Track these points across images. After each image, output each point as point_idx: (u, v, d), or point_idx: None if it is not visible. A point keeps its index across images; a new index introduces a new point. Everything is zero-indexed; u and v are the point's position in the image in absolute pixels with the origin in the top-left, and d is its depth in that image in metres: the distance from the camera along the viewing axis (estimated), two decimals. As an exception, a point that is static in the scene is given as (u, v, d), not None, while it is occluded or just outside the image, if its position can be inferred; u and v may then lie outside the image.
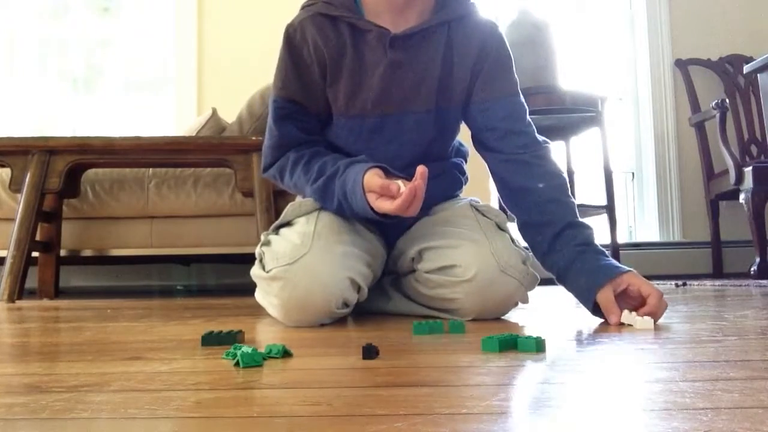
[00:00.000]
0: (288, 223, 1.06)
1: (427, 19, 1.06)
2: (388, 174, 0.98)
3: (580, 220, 1.05)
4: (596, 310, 0.96)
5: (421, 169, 0.89)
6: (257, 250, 1.04)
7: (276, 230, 1.06)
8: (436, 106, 1.09)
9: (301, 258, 0.96)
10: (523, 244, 1.09)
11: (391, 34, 1.03)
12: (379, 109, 1.07)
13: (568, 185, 1.10)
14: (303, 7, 1.09)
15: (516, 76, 1.14)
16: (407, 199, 0.89)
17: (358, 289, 1.03)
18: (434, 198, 1.10)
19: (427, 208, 1.08)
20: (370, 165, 0.98)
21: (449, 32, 1.08)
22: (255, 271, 1.03)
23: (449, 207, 1.14)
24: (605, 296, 0.94)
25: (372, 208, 0.96)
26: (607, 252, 1.03)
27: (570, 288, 1.00)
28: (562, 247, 1.00)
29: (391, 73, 1.05)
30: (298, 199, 1.15)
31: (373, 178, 0.95)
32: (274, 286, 0.98)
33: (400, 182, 0.92)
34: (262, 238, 1.06)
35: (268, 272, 0.98)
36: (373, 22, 1.04)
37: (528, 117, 1.14)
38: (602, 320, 0.95)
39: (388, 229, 1.13)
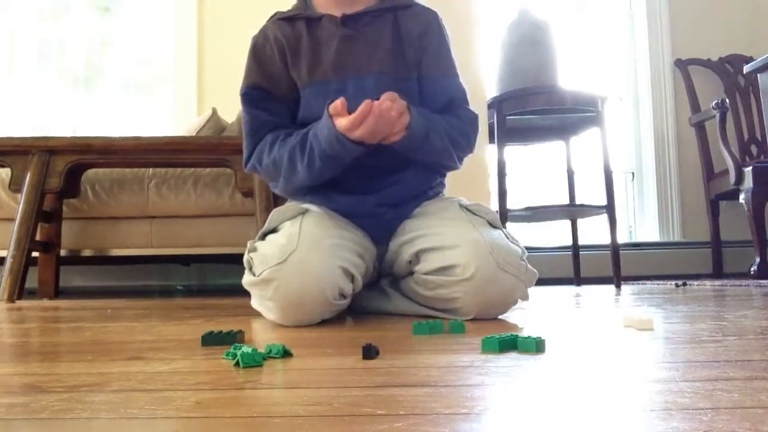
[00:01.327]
0: (274, 230, 1.07)
1: (372, 5, 1.18)
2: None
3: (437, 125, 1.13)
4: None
5: (387, 94, 1.01)
6: (245, 258, 1.05)
7: (262, 237, 1.07)
8: (394, 73, 1.17)
9: (290, 256, 0.97)
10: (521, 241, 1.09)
11: (341, 15, 1.15)
12: (340, 73, 1.15)
13: (466, 137, 1.18)
14: (266, 22, 1.22)
15: (453, 58, 1.23)
16: (362, 112, 0.99)
17: (352, 278, 1.03)
18: (409, 187, 1.16)
19: (401, 197, 1.15)
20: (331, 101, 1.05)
21: (395, 18, 1.19)
22: (246, 279, 1.04)
23: (437, 208, 1.14)
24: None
25: (338, 134, 1.02)
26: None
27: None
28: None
29: (345, 43, 1.15)
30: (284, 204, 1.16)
31: (333, 103, 1.03)
32: (268, 289, 0.98)
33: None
34: (249, 245, 1.06)
35: (258, 276, 0.99)
36: (324, 12, 1.17)
37: (466, 95, 1.22)
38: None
39: (374, 229, 1.14)
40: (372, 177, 1.14)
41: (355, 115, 1.00)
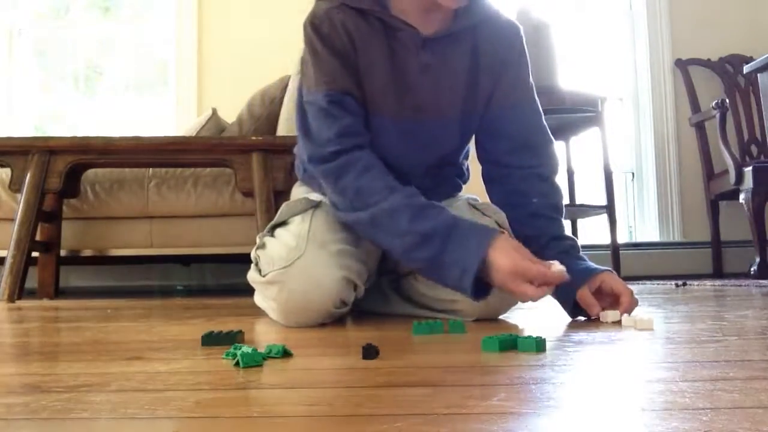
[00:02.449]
0: (283, 223, 1.06)
1: (453, 22, 1.03)
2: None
3: (566, 234, 1.08)
4: (575, 311, 0.99)
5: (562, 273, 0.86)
6: (253, 254, 1.04)
7: (271, 231, 1.06)
8: (462, 112, 1.08)
9: (296, 261, 0.96)
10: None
11: (423, 35, 1.01)
12: (412, 112, 1.05)
13: (563, 204, 1.13)
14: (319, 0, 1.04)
15: (532, 83, 1.13)
16: (555, 278, 0.85)
17: (355, 287, 1.03)
18: (435, 198, 1.07)
19: None
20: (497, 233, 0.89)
21: (475, 36, 1.06)
22: (252, 276, 1.04)
23: (447, 207, 1.13)
24: (583, 294, 0.96)
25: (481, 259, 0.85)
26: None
27: (551, 292, 0.96)
28: (546, 256, 0.95)
29: (424, 75, 1.03)
30: (293, 197, 1.14)
31: (519, 253, 0.86)
32: (272, 290, 0.98)
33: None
34: (258, 240, 1.05)
35: (264, 276, 0.99)
36: (403, 20, 1.01)
37: (543, 121, 1.12)
38: (584, 318, 0.96)
39: None
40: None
41: (543, 271, 0.84)
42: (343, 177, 0.97)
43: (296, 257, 0.96)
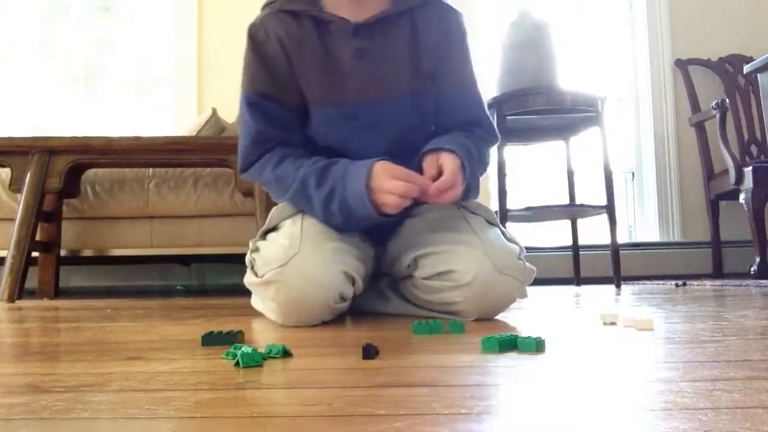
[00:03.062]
0: (274, 228, 1.07)
1: (387, 8, 1.08)
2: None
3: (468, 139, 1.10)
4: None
5: (450, 173, 0.96)
6: (247, 258, 1.05)
7: (263, 236, 1.06)
8: (411, 93, 1.10)
9: (292, 259, 0.96)
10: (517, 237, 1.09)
11: (353, 23, 1.06)
12: (353, 96, 1.08)
13: (483, 153, 1.14)
14: (264, 7, 1.11)
15: (473, 66, 1.16)
16: (412, 190, 0.95)
17: (353, 281, 1.03)
18: None
19: (408, 207, 1.08)
20: (379, 159, 1.00)
21: (412, 21, 1.09)
22: (248, 279, 1.04)
23: (436, 208, 1.12)
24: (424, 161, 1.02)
25: (365, 186, 0.97)
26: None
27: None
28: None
29: (358, 60, 1.07)
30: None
31: (388, 164, 0.98)
32: (269, 291, 0.98)
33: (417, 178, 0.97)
34: (251, 245, 1.06)
35: (261, 277, 0.98)
36: (334, 14, 1.06)
37: (483, 103, 1.16)
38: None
39: (372, 230, 1.12)
40: None
41: (410, 187, 0.96)
42: (263, 174, 1.08)
43: (292, 255, 0.96)
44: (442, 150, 1.02)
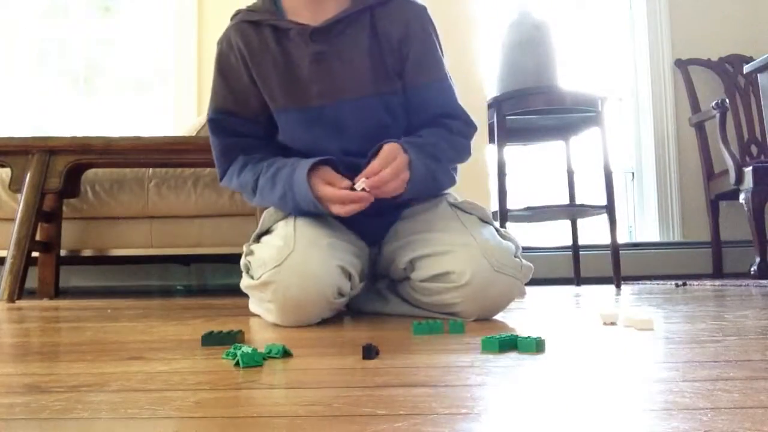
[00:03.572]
0: (268, 231, 1.07)
1: (345, 8, 1.08)
2: (335, 171, 1.02)
3: (431, 137, 1.09)
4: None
5: (382, 158, 0.98)
6: (242, 262, 1.05)
7: (257, 239, 1.07)
8: (376, 92, 1.09)
9: (287, 258, 0.96)
10: (512, 233, 1.09)
11: (310, 28, 1.06)
12: (315, 99, 1.09)
13: (456, 154, 1.12)
14: (231, 18, 1.13)
15: (442, 57, 1.14)
16: (354, 197, 0.96)
17: (350, 277, 1.03)
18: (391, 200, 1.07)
19: (385, 206, 1.07)
20: (322, 160, 1.02)
21: (372, 18, 1.09)
22: (244, 282, 1.04)
23: (429, 209, 1.13)
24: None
25: (313, 196, 1.00)
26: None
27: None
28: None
29: (317, 64, 1.07)
30: None
31: (324, 168, 1.01)
32: (267, 292, 0.98)
33: (347, 186, 0.98)
34: (245, 249, 1.06)
35: (257, 279, 0.98)
36: (293, 21, 1.07)
37: (455, 96, 1.15)
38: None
39: (365, 230, 1.13)
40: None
41: (343, 195, 0.97)
42: (232, 182, 1.13)
43: (287, 254, 0.96)
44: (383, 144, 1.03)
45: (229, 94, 1.12)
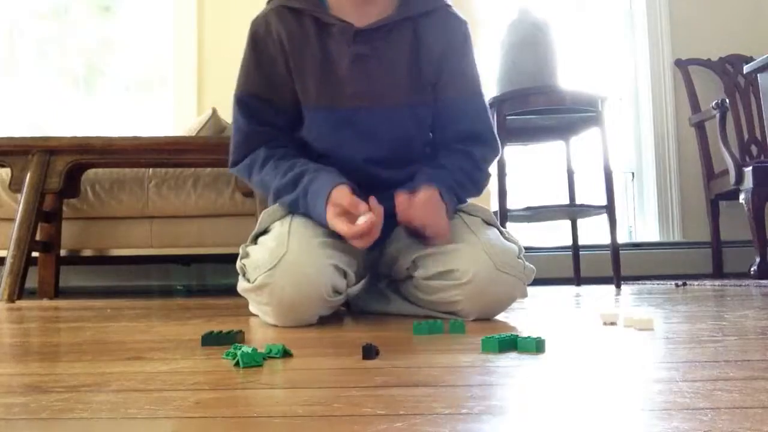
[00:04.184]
0: (265, 231, 1.06)
1: (391, 14, 1.07)
2: (354, 193, 1.00)
3: (456, 166, 1.10)
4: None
5: (378, 209, 0.95)
6: (238, 265, 1.04)
7: (254, 240, 1.06)
8: (409, 102, 1.10)
9: (281, 260, 0.96)
10: (514, 235, 1.09)
11: (354, 28, 1.05)
12: (349, 101, 1.08)
13: (478, 177, 1.13)
14: (268, 2, 1.11)
15: (479, 74, 1.15)
16: (363, 230, 0.94)
17: (344, 274, 1.03)
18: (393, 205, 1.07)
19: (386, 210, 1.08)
20: (342, 180, 1.01)
21: (416, 28, 1.09)
22: (241, 286, 1.03)
23: None
24: (398, 197, 1.00)
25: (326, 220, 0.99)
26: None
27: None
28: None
29: (357, 66, 1.07)
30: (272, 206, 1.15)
31: (343, 191, 0.98)
32: (263, 295, 0.98)
33: (365, 210, 0.96)
34: (241, 251, 1.05)
35: (253, 282, 0.98)
36: (336, 16, 1.06)
37: (488, 114, 1.15)
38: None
39: None
40: (361, 192, 1.10)
41: (353, 232, 0.95)
42: (251, 175, 1.10)
43: (281, 255, 0.96)
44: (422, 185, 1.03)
45: (262, 78, 1.10)
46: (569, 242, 2.78)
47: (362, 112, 1.08)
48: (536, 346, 0.65)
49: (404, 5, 1.09)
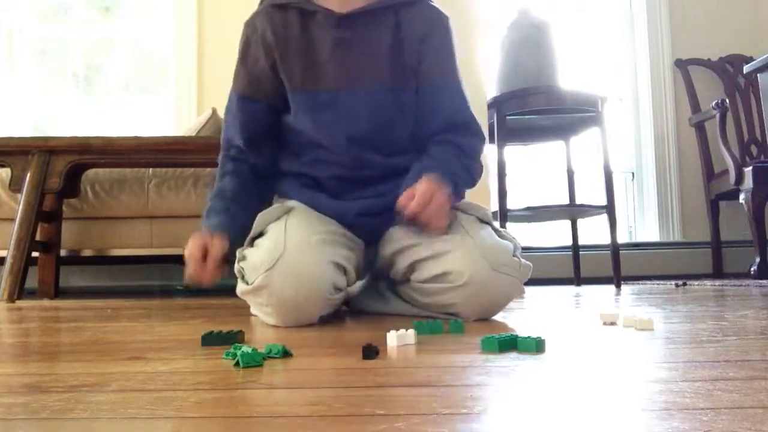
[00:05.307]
0: (261, 234, 1.06)
1: (373, 2, 1.10)
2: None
3: (448, 157, 1.10)
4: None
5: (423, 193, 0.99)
6: (236, 268, 1.04)
7: (251, 242, 1.06)
8: (391, 86, 1.11)
9: (279, 260, 0.96)
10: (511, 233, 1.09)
11: (337, 14, 1.09)
12: (332, 83, 1.10)
13: (471, 165, 1.13)
14: (259, 3, 1.15)
15: (458, 68, 1.16)
16: (190, 256, 1.01)
17: (344, 271, 1.03)
18: (389, 200, 1.06)
19: (381, 208, 1.09)
20: (218, 231, 1.06)
21: (397, 17, 1.12)
22: (240, 288, 1.03)
23: None
24: (404, 193, 1.01)
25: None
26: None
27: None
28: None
29: (339, 49, 1.10)
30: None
31: (217, 240, 1.03)
32: (262, 296, 0.97)
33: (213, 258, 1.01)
34: (238, 255, 1.05)
35: (251, 284, 0.98)
36: (321, 5, 1.10)
37: (467, 104, 1.16)
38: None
39: (361, 229, 1.12)
40: (353, 186, 1.13)
41: (192, 269, 1.01)
42: (219, 178, 1.18)
43: (278, 256, 0.96)
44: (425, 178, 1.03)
45: (248, 78, 1.15)
46: (569, 242, 2.79)
47: (343, 93, 1.10)
48: (536, 346, 0.65)
49: None
